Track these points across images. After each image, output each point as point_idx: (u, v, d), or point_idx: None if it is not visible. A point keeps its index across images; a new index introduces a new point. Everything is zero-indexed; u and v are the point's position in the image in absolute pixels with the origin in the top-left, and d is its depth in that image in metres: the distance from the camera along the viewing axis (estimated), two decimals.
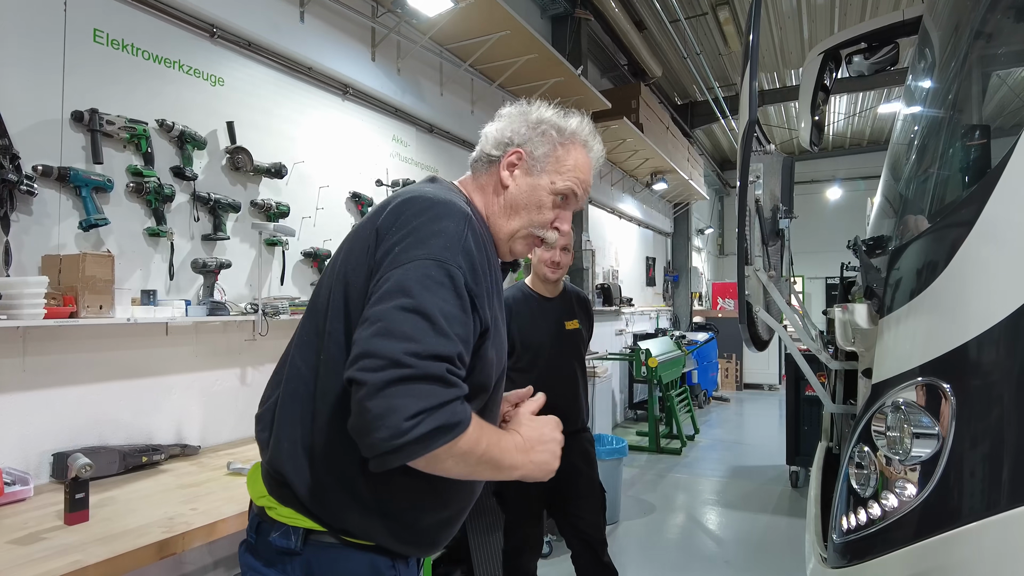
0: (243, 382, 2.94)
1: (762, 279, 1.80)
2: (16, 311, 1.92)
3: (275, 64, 3.18)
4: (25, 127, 2.15)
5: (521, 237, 1.25)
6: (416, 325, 0.96)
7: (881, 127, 12.51)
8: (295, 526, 1.09)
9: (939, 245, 1.36)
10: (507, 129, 1.26)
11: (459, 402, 0.97)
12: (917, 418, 1.28)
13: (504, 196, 1.24)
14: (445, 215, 1.08)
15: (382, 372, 0.92)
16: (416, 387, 0.92)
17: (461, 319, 1.01)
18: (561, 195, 1.25)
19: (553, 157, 1.24)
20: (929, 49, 2.20)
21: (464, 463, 1.00)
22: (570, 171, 1.24)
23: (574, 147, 1.26)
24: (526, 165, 1.24)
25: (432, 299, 0.98)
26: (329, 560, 1.09)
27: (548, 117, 1.26)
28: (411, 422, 0.91)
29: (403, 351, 0.93)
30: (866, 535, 1.41)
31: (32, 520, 1.75)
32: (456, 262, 1.03)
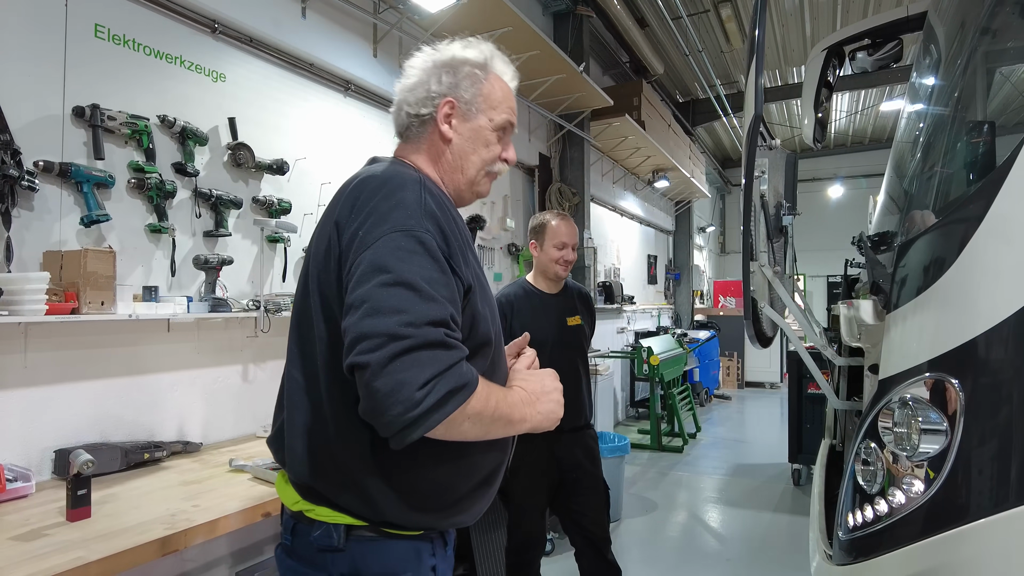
0: (245, 379, 2.94)
1: (767, 275, 1.79)
2: (17, 307, 1.91)
3: (277, 60, 3.17)
4: (26, 122, 2.14)
5: (483, 178, 1.28)
6: (402, 296, 0.95)
7: (883, 125, 12.49)
8: (335, 523, 1.09)
9: (947, 241, 1.35)
10: (429, 83, 1.23)
11: (463, 363, 0.97)
12: (925, 414, 1.28)
13: (450, 149, 1.24)
14: (399, 187, 1.08)
15: (382, 349, 0.91)
16: (419, 355, 0.92)
17: (443, 280, 1.02)
18: (498, 127, 1.26)
19: (482, 96, 1.24)
20: (934, 45, 2.19)
21: (479, 423, 1.01)
22: (501, 103, 1.26)
23: (495, 79, 1.27)
24: (461, 111, 1.23)
25: (410, 268, 0.98)
26: (373, 553, 1.09)
27: (463, 57, 1.25)
28: (423, 391, 0.91)
29: (397, 323, 0.93)
30: (872, 532, 1.40)
31: (34, 517, 1.75)
32: (423, 227, 1.03)
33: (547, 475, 2.68)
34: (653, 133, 7.13)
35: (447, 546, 1.19)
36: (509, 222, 5.34)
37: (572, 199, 5.98)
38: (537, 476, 2.64)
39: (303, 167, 3.26)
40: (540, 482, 2.66)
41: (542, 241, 2.72)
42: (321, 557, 1.10)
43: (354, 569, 1.08)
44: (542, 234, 2.73)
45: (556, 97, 5.40)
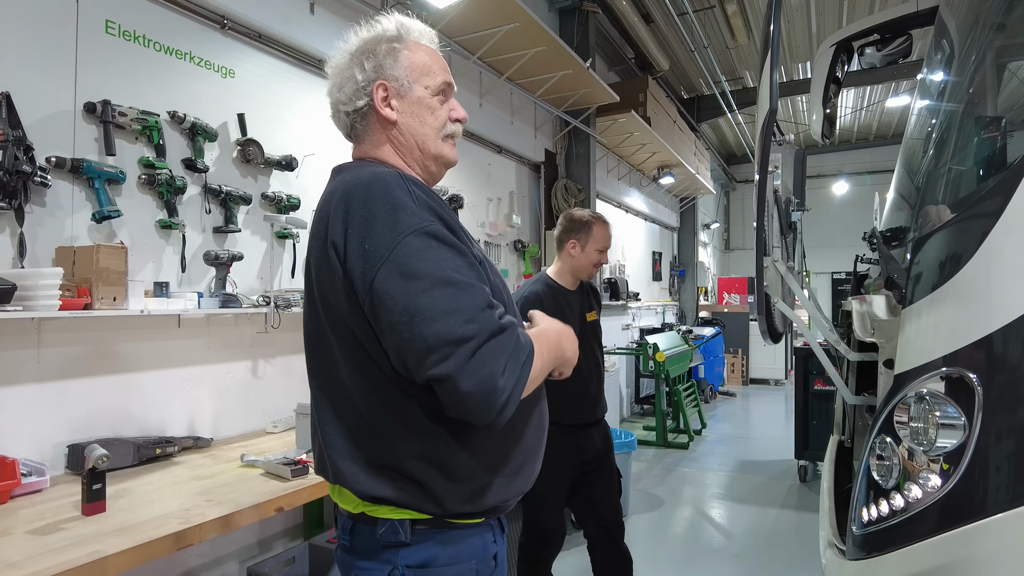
0: (255, 375, 2.95)
1: (781, 270, 1.79)
2: (31, 302, 1.92)
3: (285, 56, 3.17)
4: (38, 119, 2.15)
5: (442, 145, 1.25)
6: (446, 296, 0.97)
7: (888, 121, 12.45)
8: (400, 519, 1.09)
9: (964, 236, 1.35)
10: (354, 75, 1.20)
11: (518, 333, 1.03)
12: (943, 408, 1.27)
13: (399, 130, 1.21)
14: (383, 189, 1.05)
15: (456, 355, 0.94)
16: (488, 348, 0.97)
17: (467, 263, 1.04)
18: (438, 91, 1.23)
19: (409, 67, 1.20)
20: (946, 40, 2.18)
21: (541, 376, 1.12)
22: (430, 66, 1.23)
23: (415, 45, 1.23)
24: (395, 90, 1.20)
25: (437, 265, 0.99)
26: (440, 544, 1.10)
27: (374, 36, 1.22)
28: (504, 378, 0.97)
29: (457, 325, 0.95)
30: (887, 527, 1.40)
31: (49, 511, 1.76)
32: (426, 218, 1.03)
33: (570, 468, 2.66)
34: (658, 129, 7.11)
35: (504, 531, 1.23)
36: (515, 218, 5.34)
37: (578, 195, 5.98)
38: (561, 468, 2.60)
39: (311, 163, 3.26)
40: (564, 475, 2.64)
41: (585, 242, 2.65)
42: (387, 553, 1.10)
43: (423, 561, 1.09)
44: (587, 235, 2.65)
45: (562, 93, 5.39)
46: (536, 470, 1.23)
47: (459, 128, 1.28)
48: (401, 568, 1.09)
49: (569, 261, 2.68)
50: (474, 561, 1.13)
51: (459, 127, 1.28)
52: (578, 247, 2.65)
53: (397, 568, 1.09)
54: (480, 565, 1.14)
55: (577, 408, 2.65)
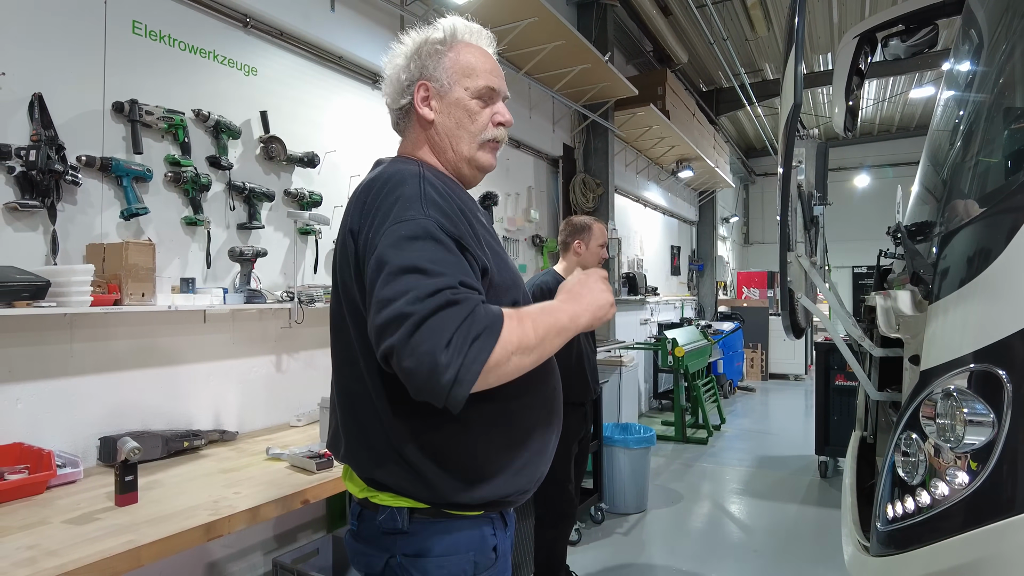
0: (279, 369, 2.99)
1: (804, 265, 1.78)
2: (64, 298, 1.96)
3: (306, 53, 3.19)
4: (69, 118, 2.19)
5: (478, 149, 1.25)
6: (407, 280, 0.97)
7: (911, 113, 12.25)
8: (399, 507, 1.12)
9: (993, 231, 1.33)
10: (399, 73, 1.24)
11: (478, 308, 0.97)
12: (971, 405, 1.26)
13: (435, 129, 1.24)
14: (398, 183, 1.10)
15: (399, 331, 0.93)
16: (431, 323, 0.92)
17: (452, 260, 1.02)
18: (479, 95, 1.23)
19: (452, 68, 1.22)
20: (975, 30, 2.14)
21: (529, 350, 1.01)
22: (474, 69, 1.23)
23: (462, 47, 1.24)
24: (435, 90, 1.22)
25: (413, 255, 1.00)
26: (437, 534, 1.12)
27: (423, 38, 1.24)
28: (447, 353, 0.91)
29: (404, 303, 0.94)
30: (913, 523, 1.39)
31: (84, 501, 1.80)
32: (424, 213, 1.05)
33: (576, 442, 3.08)
34: (677, 122, 7.07)
35: (507, 527, 1.23)
36: (533, 213, 5.34)
37: (596, 190, 5.96)
38: (570, 443, 3.01)
39: (333, 160, 3.29)
40: (573, 449, 3.05)
41: (588, 241, 3.09)
42: (387, 540, 1.13)
43: (418, 550, 1.11)
44: (588, 235, 3.09)
45: (580, 87, 5.38)
46: (541, 470, 1.22)
47: (502, 132, 1.27)
48: (398, 556, 1.11)
49: (576, 259, 3.10)
50: (472, 553, 1.13)
51: (502, 131, 1.27)
52: (583, 245, 3.09)
53: (395, 556, 1.12)
54: (478, 557, 1.14)
55: (582, 386, 3.03)
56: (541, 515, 2.98)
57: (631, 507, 4.32)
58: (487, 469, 1.12)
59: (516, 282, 1.22)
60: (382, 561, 1.13)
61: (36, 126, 2.07)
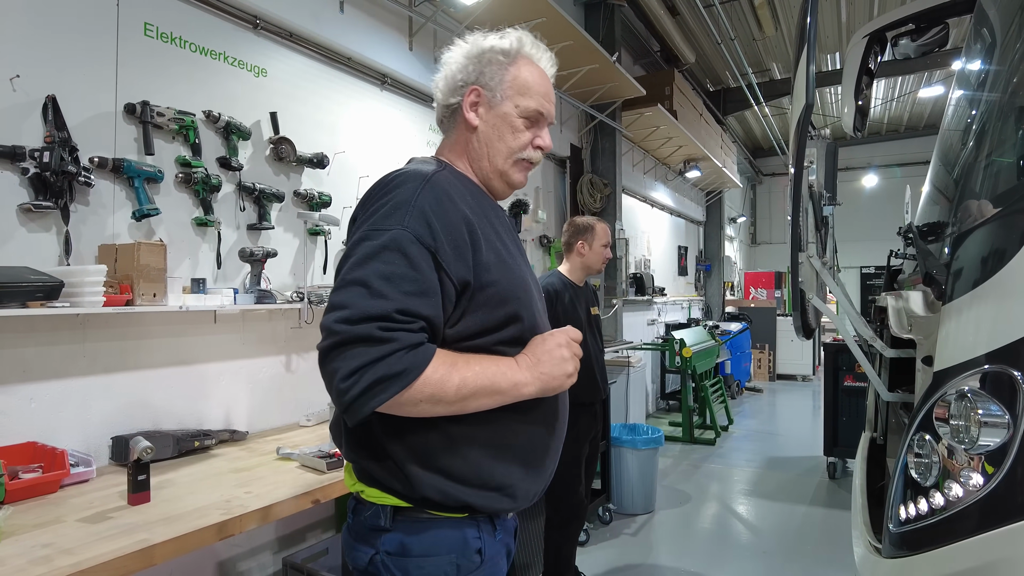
0: (288, 369, 3.00)
1: (815, 266, 1.77)
2: (77, 299, 1.98)
3: (316, 55, 3.21)
4: (82, 120, 2.21)
5: (512, 166, 1.26)
6: (350, 294, 1.02)
7: (920, 112, 12.18)
8: (383, 504, 1.13)
9: (1008, 231, 1.33)
10: (456, 72, 1.24)
11: (399, 354, 0.99)
12: (986, 406, 1.26)
13: (476, 136, 1.25)
14: (399, 184, 1.11)
15: (323, 342, 1.01)
16: (346, 351, 0.99)
17: (410, 276, 1.03)
18: (529, 116, 1.24)
19: (508, 82, 1.22)
20: (987, 29, 2.13)
21: (442, 403, 1.04)
22: (529, 89, 1.23)
23: (524, 64, 1.25)
24: (486, 99, 1.23)
25: (370, 266, 1.03)
26: (418, 533, 1.12)
27: (488, 44, 1.24)
28: (347, 382, 0.98)
29: (334, 320, 1.00)
30: (926, 525, 1.39)
31: (97, 500, 1.81)
32: (400, 224, 1.05)
33: (586, 443, 3.08)
34: (685, 122, 7.05)
35: (496, 531, 1.20)
36: (541, 214, 5.34)
37: (603, 190, 5.95)
38: (582, 443, 3.03)
39: (342, 161, 3.30)
40: (582, 450, 3.05)
41: (592, 241, 3.08)
42: (372, 536, 1.14)
43: (400, 548, 1.12)
44: (591, 236, 3.08)
45: (588, 88, 5.37)
46: (532, 488, 1.20)
47: (539, 156, 1.28)
48: (381, 553, 1.12)
49: (580, 259, 3.10)
50: (453, 555, 1.13)
51: (539, 155, 1.28)
52: (587, 246, 3.08)
53: (378, 553, 1.13)
54: (460, 560, 1.13)
55: (591, 387, 3.05)
56: (550, 516, 2.98)
57: (639, 508, 4.32)
58: (468, 476, 1.11)
59: (518, 294, 1.17)
60: (367, 557, 1.14)
61: (50, 128, 2.09)
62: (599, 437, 3.31)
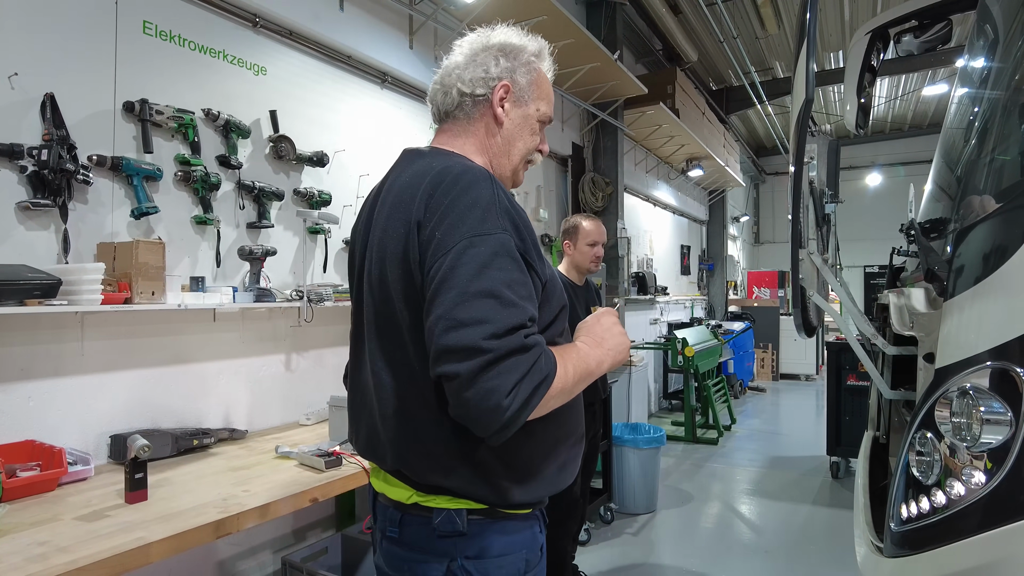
0: (288, 368, 2.99)
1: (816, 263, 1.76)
2: (75, 296, 1.97)
3: (315, 53, 3.20)
4: (80, 118, 2.21)
5: (521, 167, 1.29)
6: (484, 306, 0.96)
7: (923, 111, 12.13)
8: (457, 508, 1.10)
9: (1010, 227, 1.32)
10: (486, 64, 1.22)
11: (542, 356, 1.00)
12: (988, 403, 1.24)
13: (501, 133, 1.24)
14: (473, 183, 1.06)
15: (469, 362, 0.94)
16: (503, 365, 0.95)
17: (522, 280, 1.03)
18: (543, 121, 1.28)
19: (534, 85, 1.26)
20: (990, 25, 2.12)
21: (565, 394, 1.07)
22: (547, 95, 1.28)
23: (544, 69, 1.29)
24: (514, 97, 1.24)
25: (491, 275, 0.98)
26: (495, 534, 1.11)
27: (520, 44, 1.26)
28: (509, 398, 0.95)
29: (481, 336, 0.94)
30: (928, 524, 1.37)
31: (95, 498, 1.81)
32: (500, 226, 1.03)
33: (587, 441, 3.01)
34: (687, 121, 7.03)
35: (546, 523, 1.24)
36: (542, 212, 5.33)
37: (605, 189, 5.94)
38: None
39: (342, 159, 3.30)
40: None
41: (575, 241, 3.06)
42: (444, 543, 1.10)
43: (479, 551, 1.10)
44: (575, 235, 3.06)
45: (590, 86, 5.36)
46: (578, 465, 1.25)
47: (539, 159, 1.32)
48: (460, 559, 1.09)
49: (568, 259, 3.11)
50: (524, 551, 1.14)
51: (540, 158, 1.32)
52: (571, 246, 3.08)
53: (456, 560, 1.09)
54: (530, 555, 1.16)
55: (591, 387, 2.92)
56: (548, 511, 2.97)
57: (641, 507, 4.30)
58: (543, 467, 1.14)
59: (561, 290, 1.22)
60: (442, 566, 1.09)
61: (48, 126, 2.09)
62: (598, 437, 3.31)
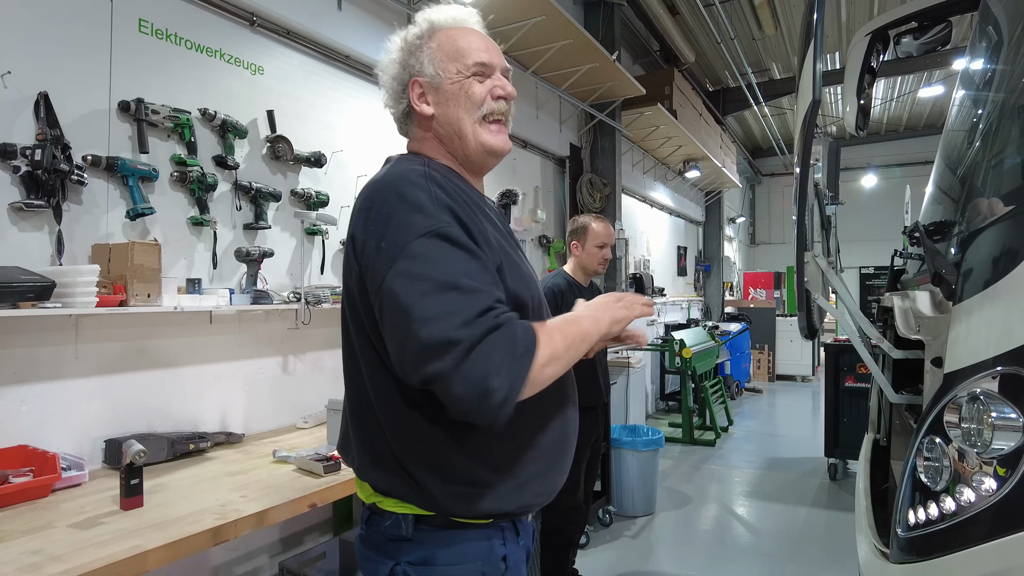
0: (285, 370, 2.96)
1: (821, 265, 1.74)
2: (70, 299, 1.94)
3: (313, 52, 3.17)
4: (75, 118, 2.17)
5: (480, 129, 1.18)
6: (448, 300, 0.96)
7: (919, 112, 12.16)
8: (404, 513, 1.10)
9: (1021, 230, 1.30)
10: (391, 77, 1.21)
11: (515, 328, 0.99)
12: (1000, 409, 1.23)
13: (437, 122, 1.19)
14: (407, 186, 1.06)
15: (447, 356, 0.93)
16: (481, 348, 0.94)
17: (478, 266, 1.02)
18: (472, 73, 1.17)
19: (438, 57, 1.17)
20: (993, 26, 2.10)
21: (559, 360, 1.04)
22: (460, 50, 1.17)
23: (443, 34, 1.19)
24: (429, 85, 1.18)
25: (445, 268, 0.98)
26: (442, 542, 1.09)
27: (404, 38, 1.21)
28: (498, 379, 0.93)
29: (452, 328, 0.93)
30: (936, 530, 1.35)
31: (89, 505, 1.78)
32: (441, 219, 1.02)
33: (587, 447, 3.01)
34: (684, 122, 7.03)
35: (520, 536, 1.18)
36: (540, 213, 5.31)
37: (603, 190, 5.92)
38: (583, 447, 2.95)
39: (340, 159, 3.27)
40: (583, 454, 2.99)
41: (584, 242, 3.03)
42: (392, 546, 1.10)
43: (423, 558, 1.08)
44: (584, 236, 3.03)
45: (587, 87, 5.34)
46: (554, 484, 1.18)
47: (502, 106, 1.19)
48: (403, 563, 1.09)
49: (575, 260, 3.07)
50: (479, 563, 1.10)
51: (502, 105, 1.19)
52: (579, 247, 3.04)
53: (399, 563, 1.09)
54: (486, 567, 1.11)
55: (593, 390, 2.96)
56: (546, 519, 2.95)
57: (639, 510, 4.29)
58: (490, 481, 1.08)
59: (527, 283, 1.17)
60: (387, 568, 1.10)
61: (42, 125, 2.05)
62: (600, 441, 3.26)
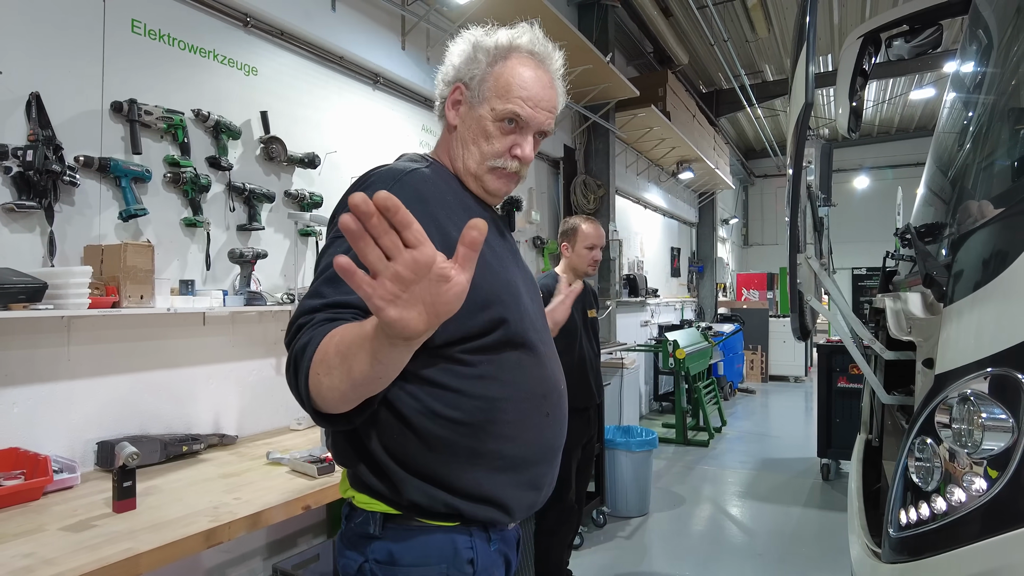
0: (279, 372, 2.95)
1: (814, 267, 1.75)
2: (62, 300, 1.93)
3: (307, 53, 3.17)
4: (67, 118, 2.16)
5: (486, 172, 1.17)
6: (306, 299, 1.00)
7: (911, 114, 12.25)
8: (372, 511, 1.10)
9: (1010, 233, 1.31)
10: (448, 66, 1.20)
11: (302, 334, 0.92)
12: (990, 409, 1.24)
13: (456, 136, 1.19)
14: (375, 182, 1.08)
15: None
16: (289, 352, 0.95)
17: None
18: (507, 119, 1.13)
19: (490, 82, 1.13)
20: (983, 30, 2.12)
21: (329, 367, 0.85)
22: (510, 91, 1.12)
23: (512, 63, 1.14)
24: (468, 98, 1.16)
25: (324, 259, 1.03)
26: (408, 541, 1.09)
27: (477, 39, 1.17)
28: (292, 383, 0.93)
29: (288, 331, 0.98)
30: (928, 530, 1.36)
31: (81, 507, 1.77)
32: None
33: (578, 447, 3.03)
34: (678, 124, 7.05)
35: (491, 540, 1.15)
36: (534, 215, 5.32)
37: (597, 191, 5.94)
38: (574, 448, 2.98)
39: (334, 160, 3.26)
40: (574, 454, 3.01)
41: (574, 243, 3.03)
42: (362, 543, 1.12)
43: (390, 557, 1.09)
44: (574, 237, 3.03)
45: (581, 88, 5.35)
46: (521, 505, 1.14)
47: (514, 165, 1.17)
48: (371, 561, 1.10)
49: (566, 261, 3.08)
50: (444, 565, 1.09)
51: (514, 164, 1.17)
52: (569, 248, 3.05)
53: (368, 561, 1.10)
54: (451, 570, 1.09)
55: (585, 391, 2.98)
56: (539, 520, 2.96)
57: (633, 510, 4.30)
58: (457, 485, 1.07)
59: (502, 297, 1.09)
60: (356, 564, 1.11)
61: (33, 126, 2.04)
62: (593, 442, 3.26)
